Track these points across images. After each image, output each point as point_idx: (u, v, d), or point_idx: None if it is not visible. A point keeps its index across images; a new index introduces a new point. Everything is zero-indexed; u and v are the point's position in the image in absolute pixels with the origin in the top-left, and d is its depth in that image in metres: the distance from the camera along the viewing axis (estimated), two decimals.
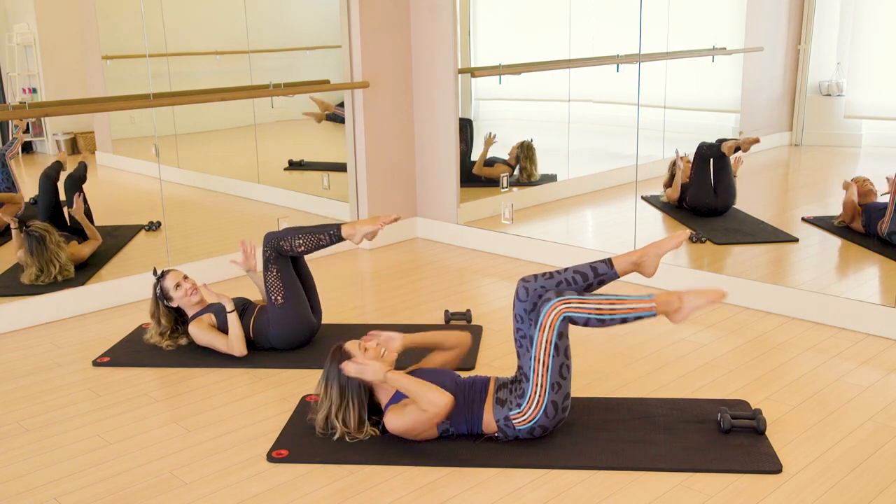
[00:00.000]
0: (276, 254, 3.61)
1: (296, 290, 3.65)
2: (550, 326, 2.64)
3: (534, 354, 2.68)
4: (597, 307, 2.63)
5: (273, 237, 3.63)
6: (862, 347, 3.57)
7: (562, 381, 2.69)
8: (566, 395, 2.72)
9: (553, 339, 2.65)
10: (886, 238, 4.38)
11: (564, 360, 2.68)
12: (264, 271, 3.64)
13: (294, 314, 3.64)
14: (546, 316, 2.64)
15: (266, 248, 3.64)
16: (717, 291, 2.70)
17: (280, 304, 3.62)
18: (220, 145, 5.91)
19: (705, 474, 2.59)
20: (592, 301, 2.64)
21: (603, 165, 5.91)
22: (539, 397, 2.69)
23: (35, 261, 4.23)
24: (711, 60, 5.21)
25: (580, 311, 2.63)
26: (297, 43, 5.89)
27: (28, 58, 4.92)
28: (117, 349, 3.78)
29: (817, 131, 5.09)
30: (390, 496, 2.52)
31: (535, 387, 2.69)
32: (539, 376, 2.67)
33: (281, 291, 3.62)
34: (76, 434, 2.99)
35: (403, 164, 5.56)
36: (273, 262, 3.62)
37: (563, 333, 2.66)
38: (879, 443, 2.76)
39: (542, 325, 2.65)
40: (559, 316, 2.64)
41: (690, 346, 3.64)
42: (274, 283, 3.62)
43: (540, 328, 2.65)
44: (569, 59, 5.48)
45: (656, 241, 2.84)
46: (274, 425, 3.00)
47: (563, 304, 2.63)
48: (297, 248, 3.62)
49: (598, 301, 2.64)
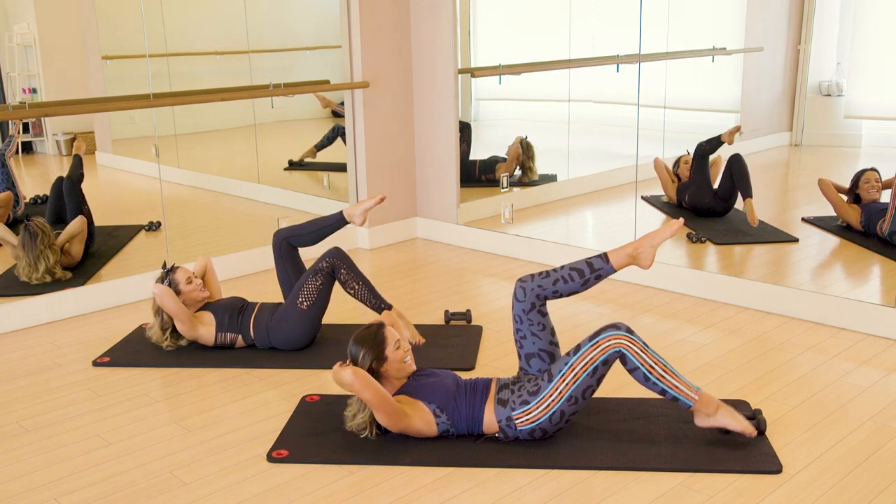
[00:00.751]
0: (332, 269, 3.65)
1: (323, 306, 3.70)
2: (603, 350, 2.64)
3: (572, 362, 2.67)
4: (652, 365, 2.65)
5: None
6: (862, 347, 3.57)
7: (580, 400, 2.69)
8: (575, 412, 2.72)
9: (597, 362, 2.65)
10: (887, 238, 4.38)
11: (594, 384, 2.68)
12: (311, 275, 3.65)
13: (309, 324, 3.66)
14: (607, 338, 2.64)
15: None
16: (746, 427, 2.73)
17: (302, 310, 3.63)
18: (220, 145, 5.91)
19: (705, 474, 2.59)
20: (652, 358, 2.65)
21: (603, 165, 5.91)
22: (553, 401, 2.68)
23: (25, 254, 4.28)
24: (711, 60, 5.21)
25: (637, 357, 2.64)
26: (297, 43, 5.89)
27: (28, 58, 4.92)
28: (117, 349, 3.78)
29: (817, 131, 5.09)
30: (390, 496, 2.52)
31: (555, 391, 2.68)
32: (564, 383, 2.67)
33: (312, 300, 3.64)
34: (76, 434, 2.99)
35: (403, 164, 5.57)
36: (323, 275, 3.65)
37: (608, 362, 2.66)
38: (879, 443, 2.76)
39: (598, 343, 2.65)
40: (617, 347, 2.63)
41: (690, 346, 3.64)
42: (312, 290, 3.64)
43: (594, 345, 2.65)
44: (569, 59, 5.48)
45: (651, 232, 2.83)
46: (274, 425, 3.00)
47: (628, 340, 2.64)
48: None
49: (657, 361, 2.65)
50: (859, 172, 4.63)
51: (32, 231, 4.28)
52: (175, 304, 3.57)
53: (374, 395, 2.66)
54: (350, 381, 2.64)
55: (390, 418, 2.71)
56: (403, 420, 2.73)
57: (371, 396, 2.66)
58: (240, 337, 3.70)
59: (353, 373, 2.64)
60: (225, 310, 3.71)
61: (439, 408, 2.77)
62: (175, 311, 3.58)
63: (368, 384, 2.65)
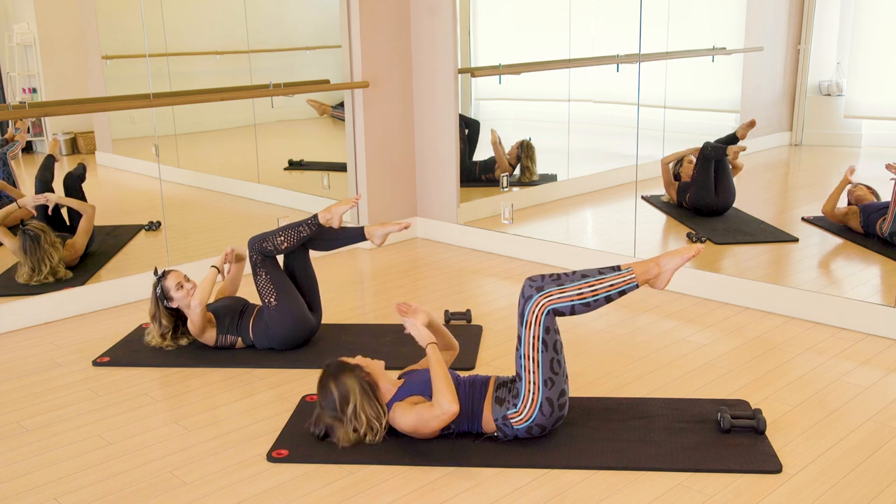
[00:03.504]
0: (262, 256, 3.61)
1: (288, 290, 3.65)
2: (536, 322, 2.64)
3: (523, 352, 2.67)
4: (578, 292, 2.62)
5: (256, 240, 3.63)
6: (862, 347, 3.57)
7: (554, 377, 2.68)
8: (561, 391, 2.71)
9: (540, 335, 2.64)
10: (887, 238, 4.38)
11: (554, 354, 2.67)
12: (254, 276, 3.63)
13: (290, 315, 3.63)
14: (530, 312, 2.64)
15: (252, 253, 3.63)
16: (692, 247, 2.71)
17: (274, 307, 3.62)
18: (220, 145, 5.91)
19: (705, 474, 2.59)
20: (572, 287, 2.63)
21: (603, 165, 5.91)
22: (533, 395, 2.68)
23: (28, 259, 4.25)
24: (711, 60, 5.21)
25: (562, 300, 2.62)
26: (297, 43, 5.89)
27: (28, 58, 4.92)
28: (117, 349, 3.78)
29: (817, 131, 5.09)
30: (390, 496, 2.52)
31: (528, 384, 2.68)
32: (531, 374, 2.67)
33: (273, 293, 3.62)
34: (76, 434, 2.99)
35: (403, 164, 5.56)
36: (261, 266, 3.62)
37: (549, 328, 2.65)
38: (879, 443, 2.76)
39: (528, 321, 2.65)
40: (543, 310, 2.63)
41: (690, 346, 3.64)
42: (265, 286, 3.62)
43: (525, 325, 2.65)
44: (569, 59, 5.48)
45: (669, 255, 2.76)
46: (274, 425, 3.00)
47: (544, 297, 2.63)
48: (279, 245, 3.62)
49: (578, 286, 2.63)
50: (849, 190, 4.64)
51: (33, 235, 4.25)
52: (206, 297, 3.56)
53: (422, 425, 2.71)
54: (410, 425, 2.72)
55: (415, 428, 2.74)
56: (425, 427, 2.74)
57: (421, 427, 2.72)
58: (239, 339, 3.70)
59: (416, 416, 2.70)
60: (225, 312, 3.71)
61: None
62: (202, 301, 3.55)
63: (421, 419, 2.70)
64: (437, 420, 2.66)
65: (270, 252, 3.62)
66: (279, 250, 3.63)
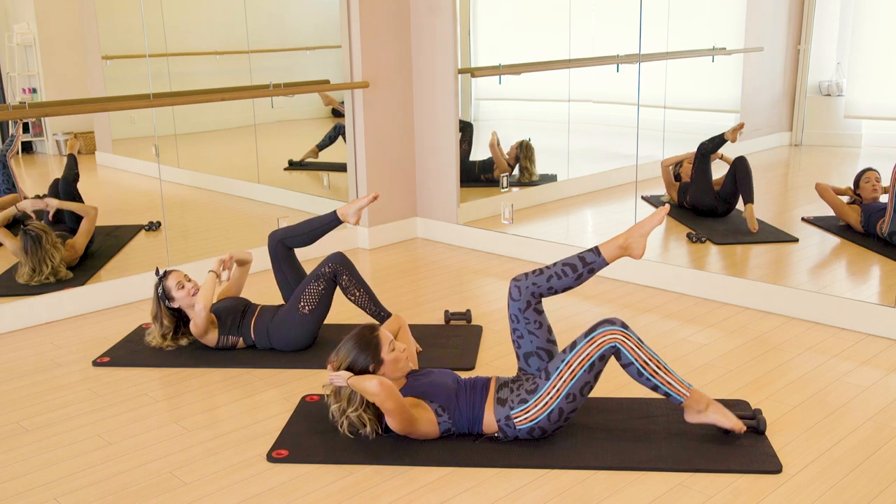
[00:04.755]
0: (334, 274, 3.66)
1: (324, 310, 3.70)
2: (599, 345, 2.64)
3: (568, 359, 2.66)
4: (646, 360, 2.66)
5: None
6: (862, 347, 3.57)
7: (578, 397, 2.68)
8: (574, 409, 2.72)
9: (594, 357, 2.65)
10: (887, 238, 4.38)
11: (591, 380, 2.68)
12: (313, 280, 3.65)
13: (310, 328, 3.67)
14: (602, 334, 2.65)
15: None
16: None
17: (304, 315, 3.64)
18: (220, 145, 5.91)
19: (705, 474, 2.59)
20: (647, 354, 2.66)
21: (603, 165, 5.91)
22: (550, 398, 2.68)
23: (28, 259, 4.25)
24: (711, 60, 5.21)
25: (632, 352, 2.65)
26: (297, 43, 5.89)
27: (28, 58, 4.92)
28: (117, 349, 3.78)
29: (817, 131, 5.09)
30: (390, 496, 2.52)
31: (552, 388, 2.68)
32: (561, 381, 2.67)
33: (314, 305, 3.64)
34: (76, 434, 2.99)
35: (403, 164, 5.57)
36: (325, 280, 3.65)
37: (604, 357, 2.66)
38: (879, 443, 2.76)
39: (594, 339, 2.65)
40: (613, 342, 2.64)
41: (690, 346, 3.64)
42: (314, 295, 3.64)
43: (589, 341, 2.65)
44: (569, 59, 5.48)
45: (640, 222, 2.84)
46: (274, 425, 3.00)
47: (623, 335, 2.64)
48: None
49: (651, 357, 2.66)
50: (860, 172, 4.64)
51: (34, 235, 4.25)
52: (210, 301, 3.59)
53: (396, 403, 2.66)
54: (376, 390, 2.62)
55: (403, 424, 2.71)
56: (413, 424, 2.73)
57: (394, 405, 2.65)
58: (241, 339, 3.70)
59: (378, 383, 2.62)
60: (227, 313, 3.71)
61: (441, 407, 2.77)
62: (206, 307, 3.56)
63: (392, 393, 2.65)
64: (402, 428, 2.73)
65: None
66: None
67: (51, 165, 5.18)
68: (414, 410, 2.74)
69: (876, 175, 4.57)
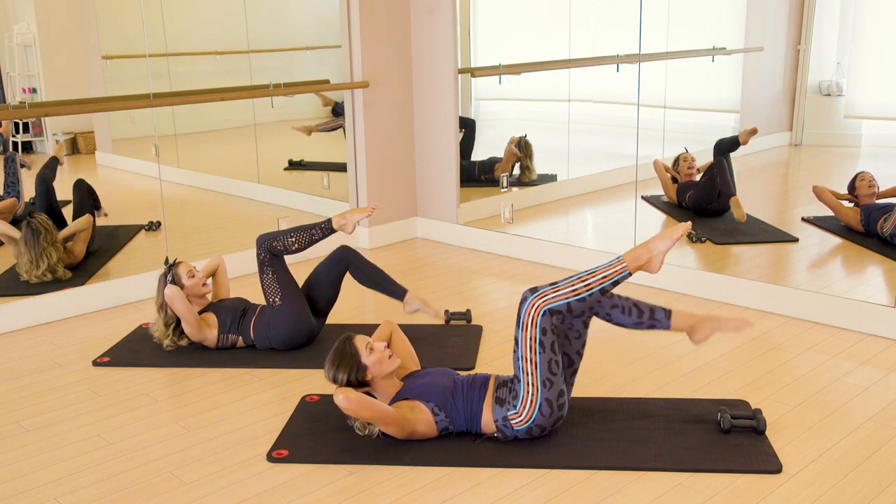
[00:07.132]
0: (271, 255, 3.61)
1: (293, 291, 3.65)
2: (532, 324, 2.63)
3: (520, 354, 2.67)
4: (571, 289, 2.62)
5: (266, 239, 3.63)
6: (862, 347, 3.57)
7: (552, 378, 2.67)
8: (560, 391, 2.71)
9: (537, 336, 2.64)
10: (888, 237, 4.38)
11: (552, 355, 2.67)
12: (260, 274, 3.63)
13: (293, 315, 3.64)
14: (526, 314, 2.64)
15: (260, 251, 3.64)
16: (678, 227, 2.69)
17: (279, 306, 3.63)
18: (220, 145, 5.91)
19: (705, 474, 2.59)
20: (565, 285, 2.63)
21: (603, 165, 5.91)
22: (532, 396, 2.68)
23: (27, 251, 4.27)
24: (711, 60, 5.21)
25: (557, 298, 2.62)
26: (297, 43, 5.89)
27: (28, 58, 4.92)
28: (117, 349, 3.78)
29: (817, 131, 5.09)
30: (390, 496, 2.52)
31: (527, 386, 2.68)
32: (529, 375, 2.67)
33: (279, 293, 3.62)
34: (76, 434, 2.99)
35: (403, 164, 5.56)
36: (268, 265, 3.62)
37: (545, 329, 2.64)
38: (879, 443, 2.76)
39: (524, 323, 2.64)
40: (539, 311, 2.63)
41: (690, 346, 3.64)
42: (271, 285, 3.62)
43: (522, 327, 2.65)
44: (569, 59, 5.48)
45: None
46: (274, 425, 3.00)
47: (539, 298, 2.63)
48: (290, 246, 3.63)
49: (571, 283, 2.64)
50: (854, 176, 4.65)
51: (35, 228, 4.28)
52: (184, 306, 3.56)
53: (372, 412, 2.66)
54: (345, 405, 2.62)
55: (395, 428, 2.72)
56: (408, 426, 2.73)
57: (370, 415, 2.66)
58: (240, 338, 3.70)
59: (344, 397, 2.61)
60: (227, 312, 3.71)
61: (437, 406, 2.77)
62: (184, 314, 3.58)
63: (363, 404, 2.63)
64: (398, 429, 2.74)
65: (280, 252, 3.63)
66: (289, 251, 3.64)
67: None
68: (409, 413, 2.74)
69: (869, 176, 4.58)
